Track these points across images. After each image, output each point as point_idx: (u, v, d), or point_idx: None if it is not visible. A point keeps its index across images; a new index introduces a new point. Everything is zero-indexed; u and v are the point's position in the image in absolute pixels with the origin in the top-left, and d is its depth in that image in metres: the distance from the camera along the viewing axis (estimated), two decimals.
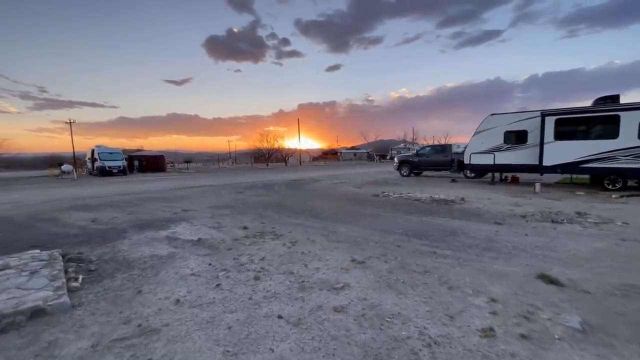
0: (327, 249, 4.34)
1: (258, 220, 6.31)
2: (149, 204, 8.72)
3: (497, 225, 5.45)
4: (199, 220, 6.43)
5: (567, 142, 9.42)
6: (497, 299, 2.76)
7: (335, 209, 7.32)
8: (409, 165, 17.04)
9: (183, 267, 3.72)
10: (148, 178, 21.65)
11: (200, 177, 21.31)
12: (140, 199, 9.95)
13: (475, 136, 11.79)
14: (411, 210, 7.02)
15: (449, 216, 6.30)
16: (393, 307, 2.67)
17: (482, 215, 6.29)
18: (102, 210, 7.78)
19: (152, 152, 32.20)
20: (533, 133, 10.37)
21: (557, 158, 9.54)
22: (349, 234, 5.12)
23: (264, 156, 50.66)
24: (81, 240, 5.02)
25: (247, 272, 3.55)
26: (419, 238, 4.77)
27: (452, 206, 7.39)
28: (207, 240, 4.87)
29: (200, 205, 8.28)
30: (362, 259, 3.90)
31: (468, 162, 12.08)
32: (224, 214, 7.06)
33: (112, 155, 24.35)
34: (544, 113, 9.72)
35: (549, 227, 5.23)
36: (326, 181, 15.32)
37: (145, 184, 15.97)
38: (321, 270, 3.56)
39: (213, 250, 4.37)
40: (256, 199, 9.45)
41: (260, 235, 5.10)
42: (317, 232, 5.29)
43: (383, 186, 12.14)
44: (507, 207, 7.08)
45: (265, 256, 4.07)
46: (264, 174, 23.19)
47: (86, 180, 20.51)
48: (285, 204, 8.36)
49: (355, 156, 76.91)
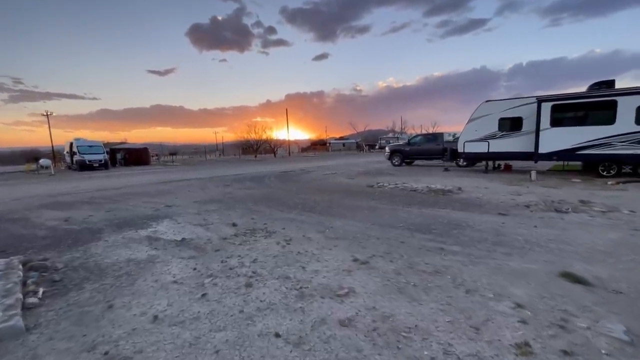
0: (325, 247, 3.96)
1: (248, 215, 5.87)
2: (129, 200, 8.14)
3: (502, 217, 5.18)
4: (184, 217, 5.94)
5: (563, 128, 9.25)
6: (523, 304, 2.44)
7: (329, 202, 6.94)
8: (400, 155, 16.76)
9: (164, 274, 3.28)
10: (131, 172, 20.74)
11: (186, 170, 20.55)
12: (120, 194, 9.33)
13: (469, 124, 11.54)
14: (409, 201, 6.70)
15: (449, 207, 6.00)
16: (408, 317, 2.32)
17: (483, 206, 6.02)
18: (78, 208, 7.17)
19: (135, 145, 30.95)
20: (528, 120, 10.17)
21: (553, 145, 9.37)
22: (347, 229, 4.76)
23: (252, 147, 49.64)
24: (49, 243, 4.49)
25: (237, 277, 3.14)
26: (422, 232, 4.44)
27: (451, 196, 7.11)
28: (192, 240, 4.42)
29: (185, 201, 7.76)
30: (365, 258, 3.53)
31: (462, 150, 11.85)
32: (211, 209, 6.58)
33: (92, 148, 23.16)
34: (540, 99, 9.50)
35: (556, 218, 4.99)
36: (317, 172, 14.91)
37: (127, 178, 15.20)
38: (321, 273, 3.18)
39: (199, 252, 3.93)
40: (245, 192, 8.98)
41: (251, 233, 4.68)
42: (313, 228, 4.90)
43: (376, 176, 11.81)
44: (507, 197, 6.84)
45: (257, 257, 3.66)
46: (252, 166, 22.58)
47: (64, 176, 19.48)
48: (276, 197, 7.93)
49: (345, 146, 76.50)
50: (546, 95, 9.61)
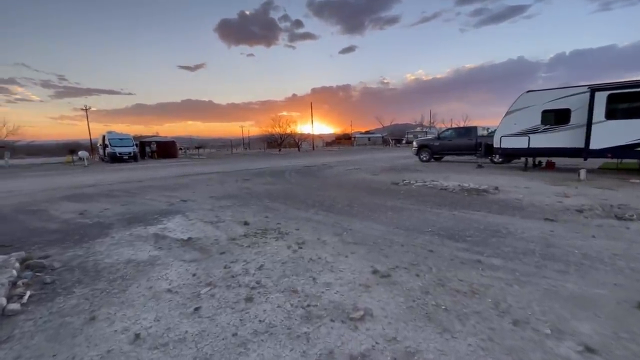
0: (341, 253, 3.50)
1: (262, 213, 5.52)
2: (147, 193, 8.09)
3: (550, 223, 4.46)
4: (197, 212, 5.70)
5: (621, 121, 8.10)
6: (593, 347, 1.86)
7: (350, 200, 6.45)
8: (429, 150, 15.86)
9: (160, 279, 2.97)
10: (157, 164, 21.28)
11: (209, 164, 20.76)
12: (141, 187, 9.35)
13: (507, 117, 10.51)
14: (439, 202, 6.06)
15: (485, 209, 5.32)
16: (439, 357, 1.81)
17: (525, 209, 5.28)
18: (96, 201, 7.17)
19: (163, 138, 31.91)
20: (577, 112, 9.05)
21: (608, 140, 8.25)
22: (367, 232, 4.26)
23: (277, 142, 49.85)
24: (57, 238, 4.36)
25: (238, 287, 2.76)
26: (454, 240, 3.86)
27: (486, 197, 6.38)
28: (199, 240, 4.11)
29: (202, 195, 7.57)
30: (386, 269, 3.04)
31: (498, 145, 10.85)
32: (226, 205, 6.31)
33: (123, 141, 24.04)
34: (593, 88, 8.37)
35: (618, 227, 4.20)
36: (340, 167, 14.40)
37: (152, 171, 15.49)
38: (333, 287, 2.73)
39: (203, 254, 3.60)
40: (263, 187, 8.68)
41: (262, 234, 4.31)
42: (329, 229, 4.45)
43: (402, 173, 11.13)
44: (553, 199, 6.02)
45: (264, 263, 3.27)
46: (275, 160, 22.45)
47: (96, 167, 20.31)
48: (294, 193, 7.55)
49: (370, 141, 75.06)
50: (601, 83, 8.47)
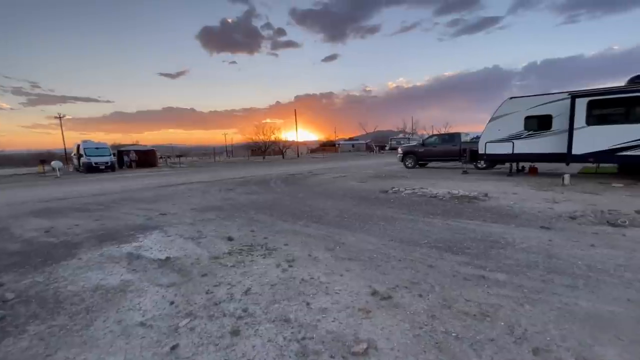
0: (336, 271, 3.23)
1: (247, 227, 5.19)
2: (123, 206, 7.57)
3: (546, 231, 4.35)
4: (176, 227, 5.30)
5: (601, 127, 8.28)
6: None
7: (339, 210, 6.20)
8: (414, 156, 15.90)
9: (132, 310, 2.60)
10: (136, 174, 20.41)
11: (191, 173, 20.09)
12: (117, 199, 8.78)
13: (491, 122, 10.63)
14: (431, 210, 5.91)
15: (479, 218, 5.19)
16: None
17: (519, 216, 5.19)
18: (66, 216, 6.62)
19: (142, 147, 30.76)
20: (559, 118, 9.22)
21: (589, 145, 8.41)
22: (361, 246, 4.01)
23: (260, 149, 49.28)
24: (14, 261, 3.88)
25: (222, 317, 2.43)
26: (453, 252, 3.66)
27: (477, 204, 6.28)
28: (179, 260, 3.74)
29: (182, 208, 7.14)
30: (386, 289, 2.79)
31: (483, 151, 10.93)
32: (208, 218, 5.92)
33: (99, 150, 22.95)
34: (574, 94, 8.55)
35: (614, 234, 4.14)
36: (326, 175, 14.18)
37: (130, 182, 14.76)
38: (330, 313, 2.45)
39: (182, 277, 3.24)
40: (248, 198, 8.31)
41: (248, 251, 3.98)
42: (320, 243, 4.18)
43: (389, 180, 11.01)
44: (543, 205, 5.98)
45: (251, 286, 2.96)
46: (259, 168, 22.01)
47: (69, 178, 19.25)
48: (281, 204, 7.23)
49: (354, 147, 75.48)
50: (581, 90, 8.67)
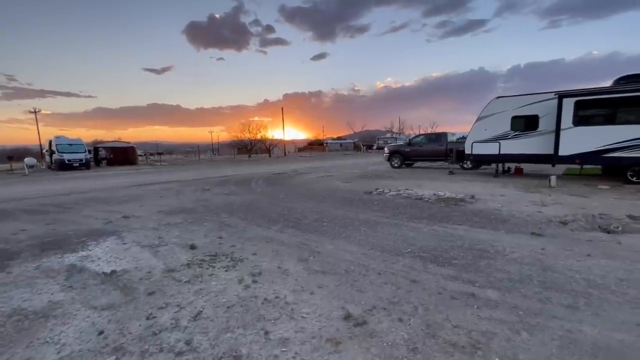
0: (306, 288, 2.80)
1: (216, 232, 4.70)
2: (86, 208, 6.93)
3: (537, 238, 4.04)
4: (136, 233, 4.76)
5: (588, 127, 8.14)
6: None
7: (319, 214, 5.78)
8: (400, 156, 15.63)
9: (48, 343, 2.11)
10: (112, 172, 19.47)
11: (171, 171, 19.31)
12: (81, 200, 8.11)
13: (478, 122, 10.41)
14: (416, 214, 5.55)
15: (466, 222, 4.86)
16: None
17: (508, 221, 4.89)
18: (15, 219, 5.96)
19: (121, 144, 29.54)
20: (545, 118, 9.07)
21: (576, 147, 8.26)
22: (338, 256, 3.59)
23: (247, 147, 48.40)
24: None
25: (157, 354, 1.97)
26: (439, 263, 3.29)
27: (464, 207, 5.97)
28: (126, 274, 3.24)
29: (149, 209, 6.57)
30: (361, 312, 2.38)
31: (469, 152, 10.72)
32: (174, 222, 5.40)
33: (73, 147, 21.77)
34: (561, 94, 8.39)
35: (609, 241, 3.85)
36: (311, 174, 13.74)
37: (103, 180, 13.95)
38: (292, 345, 2.02)
39: (125, 296, 2.75)
40: (224, 199, 7.79)
41: (209, 262, 3.51)
42: (293, 253, 3.74)
43: (375, 180, 10.67)
44: (531, 208, 5.72)
45: (203, 309, 2.49)
46: (243, 167, 21.38)
47: (39, 176, 18.16)
48: (258, 205, 6.75)
49: (342, 147, 75.25)
50: (569, 90, 8.51)
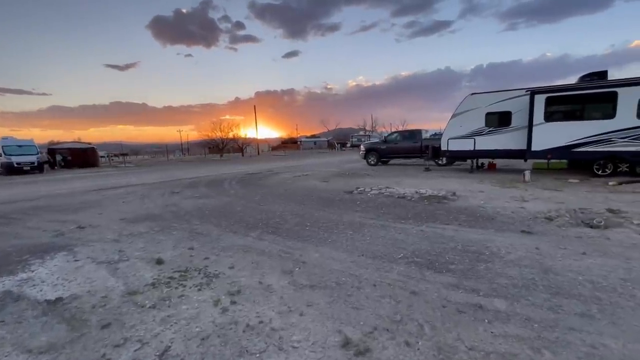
0: (294, 309, 2.44)
1: (186, 242, 4.20)
2: (34, 217, 6.10)
3: (528, 236, 3.93)
4: (91, 247, 4.15)
5: (558, 123, 8.38)
6: None
7: (300, 217, 5.41)
8: (376, 153, 15.58)
9: None
10: (69, 176, 17.87)
11: (137, 173, 18.05)
12: (27, 208, 7.17)
13: (454, 119, 10.48)
14: (401, 214, 5.33)
15: (453, 221, 4.70)
16: None
17: (495, 219, 4.78)
18: None
19: (80, 144, 27.28)
20: (518, 114, 9.25)
21: (548, 142, 8.48)
22: (325, 266, 3.25)
23: (218, 147, 46.79)
24: None
25: None
26: (436, 270, 3.04)
27: (448, 205, 5.85)
28: (75, 300, 2.70)
29: (110, 217, 5.88)
30: (362, 336, 2.06)
31: (446, 148, 10.78)
32: (138, 232, 4.81)
33: (22, 148, 19.74)
34: (533, 91, 8.58)
35: (597, 237, 3.81)
36: (287, 174, 13.29)
37: (57, 185, 12.67)
38: None
39: (71, 331, 2.24)
40: (195, 203, 7.20)
41: (179, 279, 3.04)
42: (276, 264, 3.35)
43: (353, 178, 10.44)
44: (513, 204, 5.70)
45: (172, 344, 2.06)
46: (215, 167, 20.46)
47: None
48: (232, 210, 6.26)
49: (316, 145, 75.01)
50: (540, 87, 8.72)
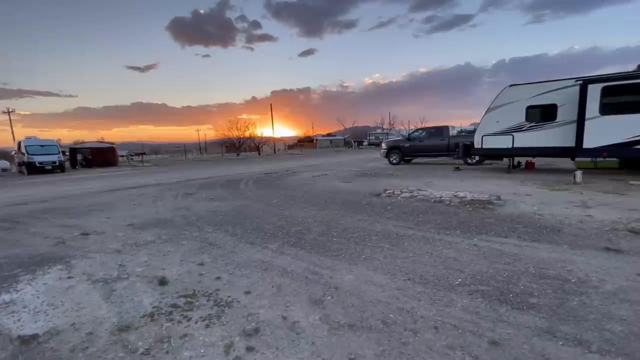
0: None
1: (196, 256, 3.62)
2: (39, 222, 5.73)
3: (617, 256, 3.11)
4: (91, 259, 3.64)
5: (618, 117, 7.34)
6: None
7: (325, 224, 4.75)
8: (399, 152, 14.72)
9: None
10: (88, 175, 17.97)
11: (153, 173, 17.94)
12: (37, 210, 6.86)
13: (489, 114, 9.53)
14: (443, 222, 4.57)
15: (511, 234, 3.91)
16: None
17: (561, 230, 3.96)
18: None
19: (101, 144, 27.76)
20: (565, 107, 8.24)
21: (604, 138, 7.45)
22: (364, 295, 2.58)
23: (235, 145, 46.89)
24: None
25: None
26: (513, 305, 2.31)
27: (496, 212, 5.04)
28: (54, 337, 2.15)
29: (117, 222, 5.42)
30: None
31: (479, 145, 9.84)
32: (145, 241, 4.28)
33: (45, 148, 20.07)
34: (586, 80, 7.56)
35: None
36: (305, 173, 12.68)
37: (73, 185, 12.57)
38: None
39: None
40: (208, 205, 6.68)
41: (184, 309, 2.45)
42: (301, 289, 2.71)
43: (378, 178, 9.70)
44: (575, 211, 4.83)
45: None
46: (232, 166, 20.14)
47: (5, 181, 16.56)
48: (248, 214, 5.68)
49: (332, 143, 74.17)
50: (593, 75, 7.70)
